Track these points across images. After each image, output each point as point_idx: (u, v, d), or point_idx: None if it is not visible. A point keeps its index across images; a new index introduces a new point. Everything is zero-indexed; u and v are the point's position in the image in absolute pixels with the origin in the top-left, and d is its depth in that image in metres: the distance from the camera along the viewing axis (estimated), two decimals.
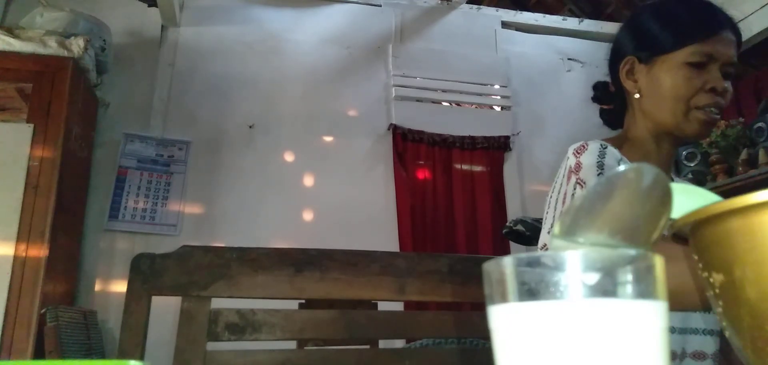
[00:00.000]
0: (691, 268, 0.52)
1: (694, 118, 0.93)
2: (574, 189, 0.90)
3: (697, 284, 0.59)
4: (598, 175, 0.87)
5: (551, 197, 0.97)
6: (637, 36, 1.01)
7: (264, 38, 3.15)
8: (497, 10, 3.57)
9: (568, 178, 0.93)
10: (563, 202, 0.90)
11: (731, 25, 0.95)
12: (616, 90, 1.07)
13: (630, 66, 1.01)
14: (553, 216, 0.94)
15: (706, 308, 0.61)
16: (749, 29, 2.89)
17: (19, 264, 2.07)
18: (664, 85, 0.95)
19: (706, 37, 0.92)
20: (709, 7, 0.97)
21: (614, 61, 1.05)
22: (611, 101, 1.10)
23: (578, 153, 0.93)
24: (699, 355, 0.90)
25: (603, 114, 1.13)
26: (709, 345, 0.91)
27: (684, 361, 0.89)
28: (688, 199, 0.39)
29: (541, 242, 0.98)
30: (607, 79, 1.10)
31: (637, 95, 1.00)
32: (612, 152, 0.92)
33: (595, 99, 1.13)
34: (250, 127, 2.97)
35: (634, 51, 1.00)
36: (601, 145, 0.93)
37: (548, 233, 0.94)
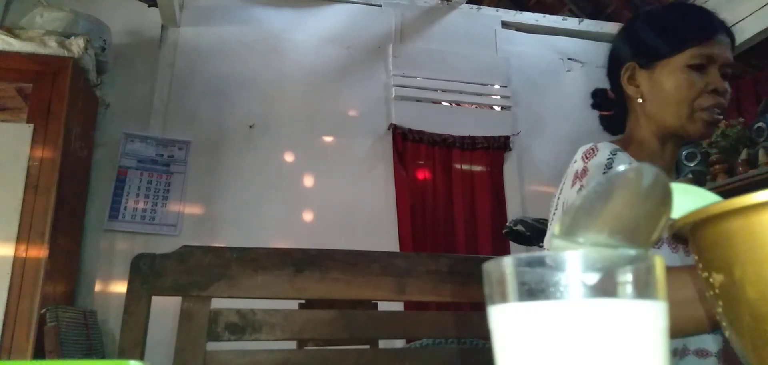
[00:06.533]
0: (699, 291, 0.52)
1: (699, 119, 0.95)
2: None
3: (705, 307, 0.58)
4: None
5: (557, 198, 0.97)
6: (636, 42, 1.03)
7: (264, 38, 3.14)
8: (497, 10, 3.57)
9: (573, 182, 0.92)
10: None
11: (725, 29, 0.98)
12: (616, 96, 1.08)
13: (631, 72, 1.02)
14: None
15: (716, 327, 0.61)
16: (749, 30, 2.89)
17: (19, 264, 2.07)
18: (667, 89, 0.96)
19: (705, 40, 0.95)
20: (704, 12, 1.00)
21: (613, 68, 1.07)
22: (611, 108, 1.11)
23: (587, 157, 0.93)
24: (702, 353, 0.89)
25: (603, 120, 1.15)
26: (712, 343, 0.90)
27: (686, 358, 0.88)
28: (688, 199, 0.39)
29: (545, 245, 0.98)
30: (605, 85, 1.12)
31: (640, 100, 1.01)
32: (622, 157, 0.92)
33: (595, 106, 1.14)
34: (250, 127, 2.97)
35: (634, 57, 1.02)
36: (612, 150, 0.93)
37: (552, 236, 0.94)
